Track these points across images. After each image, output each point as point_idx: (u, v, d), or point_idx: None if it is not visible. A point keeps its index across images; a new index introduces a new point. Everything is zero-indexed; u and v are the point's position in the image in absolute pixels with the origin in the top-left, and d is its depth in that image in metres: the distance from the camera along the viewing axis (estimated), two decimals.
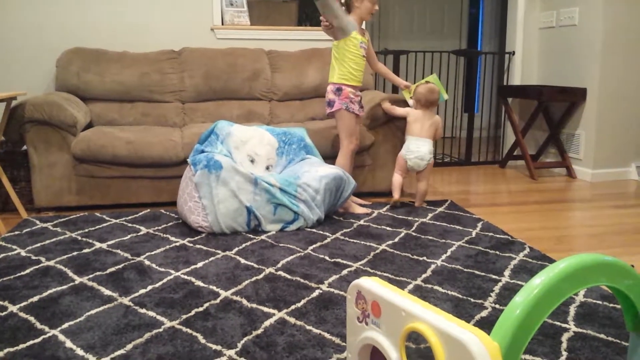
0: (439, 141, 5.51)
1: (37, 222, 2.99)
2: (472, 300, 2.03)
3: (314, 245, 2.62)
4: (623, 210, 3.35)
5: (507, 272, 2.29)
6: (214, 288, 2.11)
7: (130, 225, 2.93)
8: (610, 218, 3.19)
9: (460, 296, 2.06)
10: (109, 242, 2.65)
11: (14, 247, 2.59)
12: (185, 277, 2.22)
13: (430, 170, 3.34)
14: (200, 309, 1.94)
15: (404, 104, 3.45)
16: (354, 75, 3.14)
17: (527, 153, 4.39)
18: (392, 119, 3.50)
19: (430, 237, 2.74)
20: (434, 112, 3.38)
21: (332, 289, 2.11)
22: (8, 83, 3.82)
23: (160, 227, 2.89)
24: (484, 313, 1.92)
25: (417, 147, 3.26)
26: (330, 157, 3.35)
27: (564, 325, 1.84)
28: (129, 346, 1.69)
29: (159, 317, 1.88)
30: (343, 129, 3.19)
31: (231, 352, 1.65)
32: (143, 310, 1.92)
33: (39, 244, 2.62)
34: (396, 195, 3.31)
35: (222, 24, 4.19)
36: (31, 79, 3.87)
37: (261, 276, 2.23)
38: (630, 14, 4.01)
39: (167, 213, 3.16)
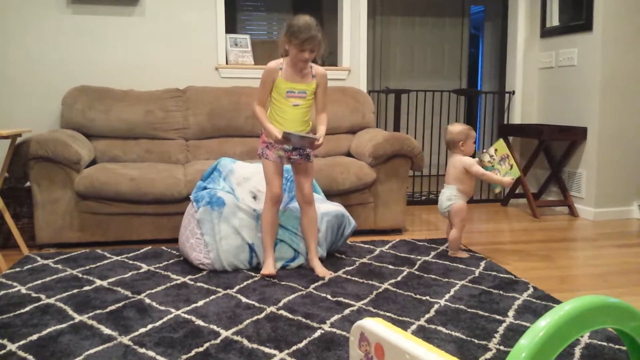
0: (440, 179, 5.52)
1: (38, 258, 2.98)
2: (476, 341, 2.00)
3: (316, 284, 2.60)
4: (626, 250, 3.34)
5: (511, 313, 2.27)
6: (215, 327, 2.09)
7: (131, 262, 2.92)
8: (613, 257, 3.17)
9: (464, 337, 2.03)
10: (110, 280, 2.63)
11: (15, 284, 2.57)
12: (186, 316, 2.20)
13: (456, 215, 3.08)
14: (201, 349, 1.91)
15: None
16: (278, 122, 2.69)
17: (529, 191, 4.40)
18: (393, 157, 3.52)
19: (433, 276, 2.72)
20: (460, 155, 3.08)
21: (334, 329, 2.08)
22: (14, 120, 3.86)
23: (161, 265, 2.88)
24: (488, 355, 1.89)
25: (440, 195, 3.17)
26: (331, 195, 3.36)
27: None
28: None
29: (158, 357, 1.85)
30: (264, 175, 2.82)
31: None
32: (143, 350, 1.90)
33: (39, 281, 2.60)
34: (446, 234, 3.23)
35: (227, 64, 4.26)
36: (37, 117, 3.91)
37: (262, 315, 2.21)
38: (628, 55, 4.07)
39: (169, 250, 3.15)
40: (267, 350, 1.91)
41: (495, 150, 3.08)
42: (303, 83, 2.69)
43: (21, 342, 1.95)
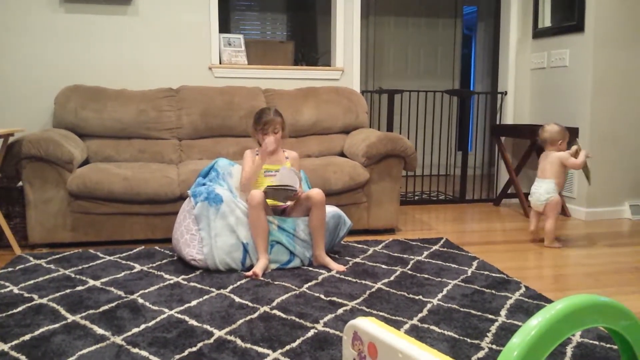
0: (433, 179, 5.55)
1: (31, 258, 2.97)
2: (468, 340, 2.01)
3: (309, 284, 2.60)
4: (617, 249, 3.36)
5: (503, 312, 2.28)
6: (208, 327, 2.09)
7: (124, 262, 2.92)
8: (604, 257, 3.20)
9: (456, 336, 2.04)
10: (103, 280, 2.62)
11: (7, 284, 2.56)
12: (179, 315, 2.20)
13: (554, 208, 3.35)
14: (194, 349, 1.91)
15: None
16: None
17: (521, 191, 4.42)
18: (387, 157, 3.53)
19: (426, 276, 2.73)
20: (556, 152, 3.38)
21: (327, 329, 2.09)
22: (6, 119, 3.85)
23: (154, 265, 2.87)
24: (480, 354, 1.91)
25: (536, 188, 3.41)
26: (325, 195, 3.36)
27: None
28: None
29: (151, 357, 1.85)
30: None
31: None
32: (136, 350, 1.90)
33: (32, 281, 2.59)
34: (530, 226, 3.52)
35: (220, 63, 4.25)
36: (29, 116, 3.89)
37: (256, 315, 2.22)
38: (619, 56, 4.10)
39: (162, 250, 3.14)
40: (260, 349, 1.91)
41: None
42: (277, 164, 2.98)
43: (14, 342, 1.95)
